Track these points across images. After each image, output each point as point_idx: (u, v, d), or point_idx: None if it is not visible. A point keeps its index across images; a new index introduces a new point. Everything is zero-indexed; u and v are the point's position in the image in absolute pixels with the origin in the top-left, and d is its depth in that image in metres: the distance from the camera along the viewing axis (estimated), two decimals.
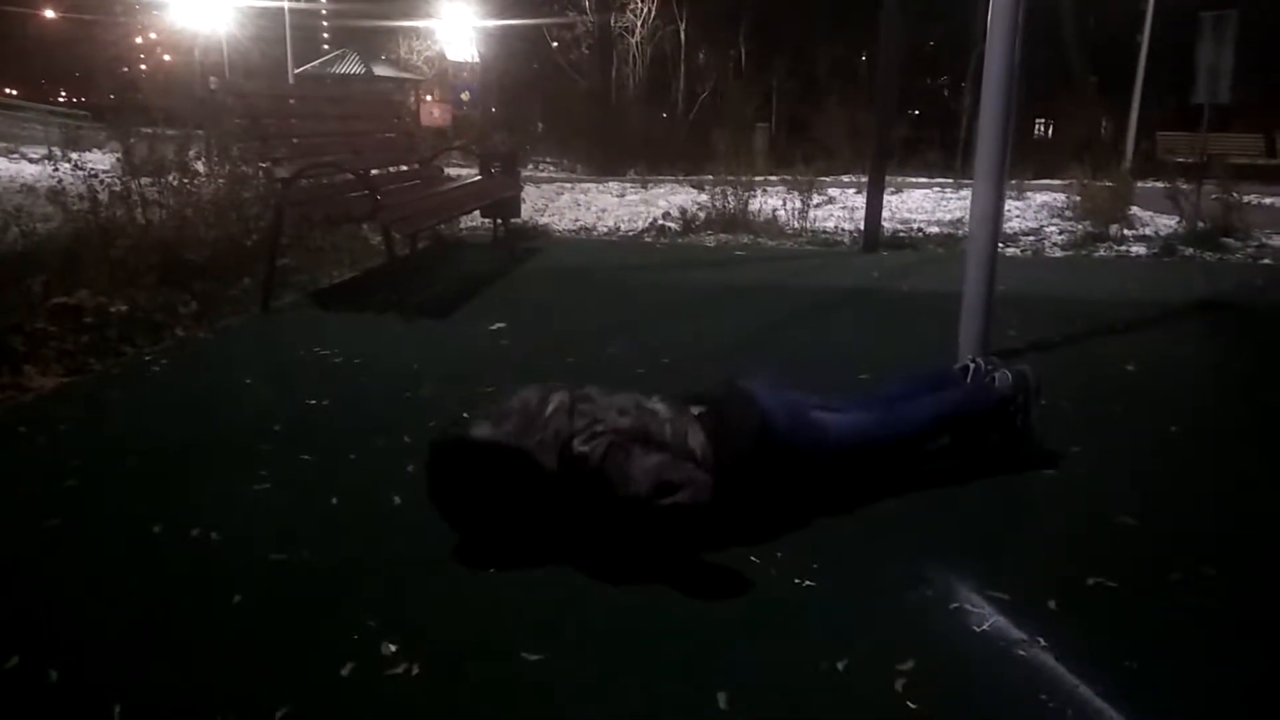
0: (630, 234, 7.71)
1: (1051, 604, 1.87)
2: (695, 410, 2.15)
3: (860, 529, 2.21)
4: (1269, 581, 1.99)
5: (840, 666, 1.67)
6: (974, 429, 2.58)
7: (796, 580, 1.96)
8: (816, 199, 8.29)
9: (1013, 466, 2.54)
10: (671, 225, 7.75)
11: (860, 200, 7.75)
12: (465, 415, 2.95)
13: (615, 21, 21.94)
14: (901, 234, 7.33)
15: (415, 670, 1.66)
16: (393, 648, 1.72)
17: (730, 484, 2.03)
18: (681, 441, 2.04)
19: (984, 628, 1.79)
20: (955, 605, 1.87)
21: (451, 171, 8.41)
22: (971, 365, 2.64)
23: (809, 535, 2.16)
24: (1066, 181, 9.33)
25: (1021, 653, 1.71)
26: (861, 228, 6.82)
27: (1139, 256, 6.44)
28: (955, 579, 1.97)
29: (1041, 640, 1.74)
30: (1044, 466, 2.55)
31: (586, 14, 21.72)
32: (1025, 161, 12.31)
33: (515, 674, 1.65)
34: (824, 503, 2.31)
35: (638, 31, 22.33)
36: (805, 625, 1.81)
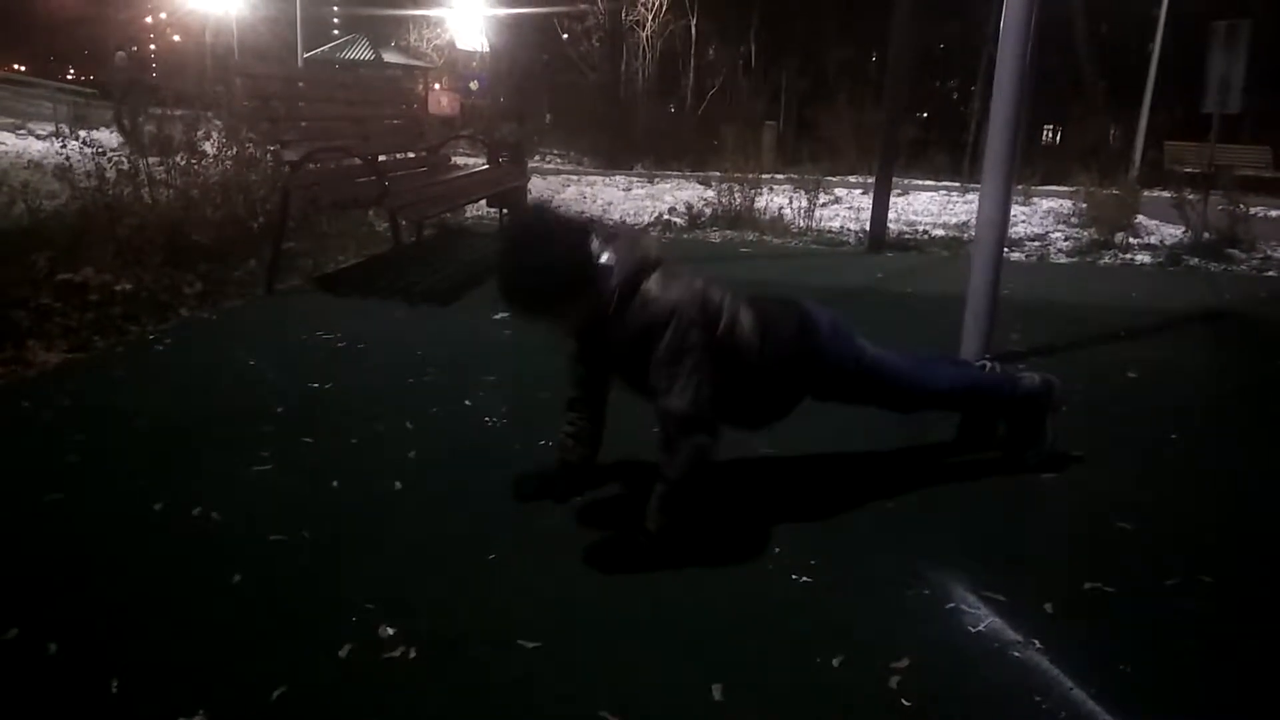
0: (636, 227, 7.70)
1: (1048, 607, 1.88)
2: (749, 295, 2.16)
3: (858, 527, 2.22)
4: (1265, 589, 2.00)
5: (835, 662, 1.68)
6: (987, 412, 2.61)
7: (794, 576, 1.97)
8: (823, 198, 8.29)
9: (1013, 470, 2.55)
10: (677, 220, 7.75)
11: (866, 201, 7.74)
12: (467, 403, 2.97)
13: (626, 15, 21.90)
14: (907, 236, 7.33)
15: (412, 654, 1.67)
16: (390, 631, 1.72)
17: (767, 376, 2.07)
18: (732, 321, 2.03)
19: (980, 628, 1.80)
20: (951, 605, 1.88)
21: (458, 160, 8.39)
22: (987, 365, 2.67)
23: (807, 532, 2.16)
24: (1073, 188, 9.31)
25: (1017, 654, 1.72)
26: (867, 228, 6.81)
27: (1144, 265, 6.44)
28: (952, 579, 1.98)
29: (1037, 642, 1.75)
30: (1043, 470, 2.56)
31: (598, 4, 21.67)
32: (1032, 167, 12.31)
33: (512, 661, 1.66)
34: (822, 500, 2.32)
35: (648, 25, 22.29)
36: (801, 621, 1.82)
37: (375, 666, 1.63)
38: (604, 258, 1.92)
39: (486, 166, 7.32)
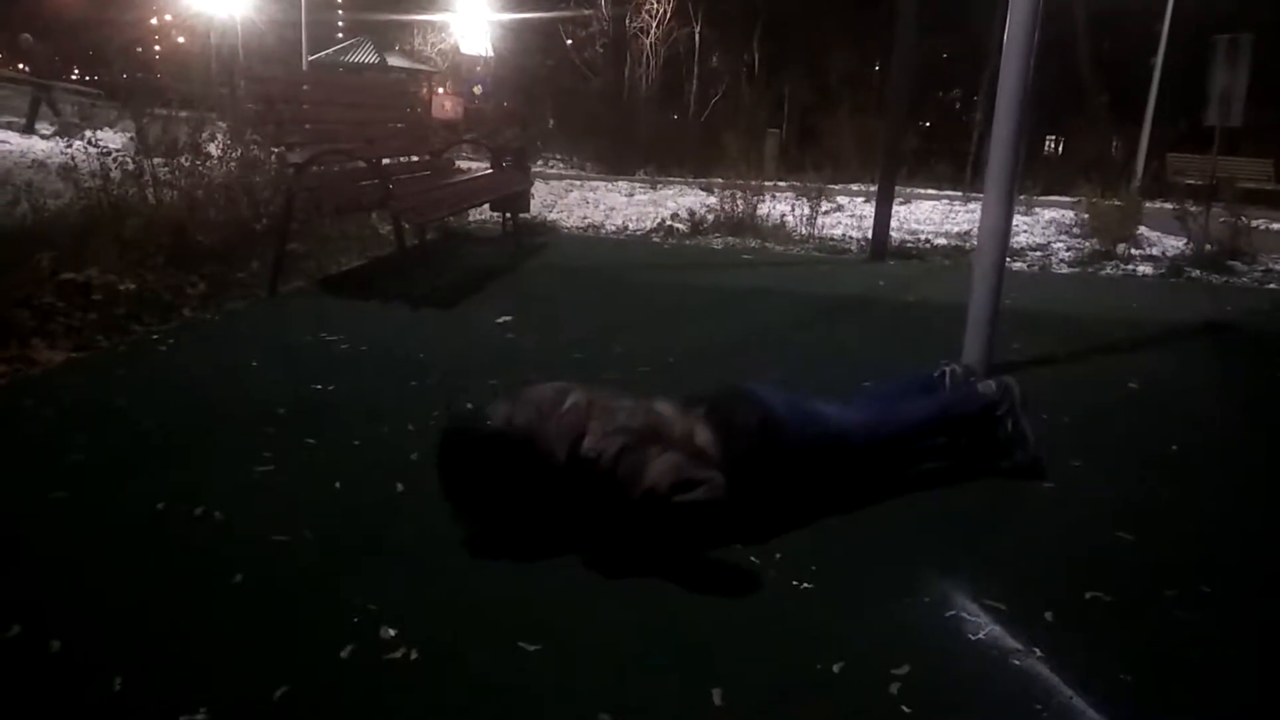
0: (638, 233, 7.72)
1: (1048, 615, 1.88)
2: (699, 410, 2.17)
3: (859, 534, 2.22)
4: (1265, 600, 2.00)
5: (836, 669, 1.68)
6: (957, 431, 2.61)
7: (794, 582, 1.97)
8: (825, 206, 8.30)
9: (1014, 478, 2.55)
10: (680, 226, 7.76)
11: (868, 209, 7.76)
12: (469, 406, 2.98)
13: (630, 21, 21.95)
14: (909, 244, 7.34)
15: (414, 655, 1.67)
16: (392, 632, 1.73)
17: (737, 481, 2.05)
18: (688, 440, 2.05)
19: (980, 636, 1.80)
20: (952, 613, 1.88)
21: (462, 164, 8.41)
22: (947, 370, 2.69)
23: (808, 538, 2.17)
24: (1075, 199, 9.32)
25: (1016, 662, 1.72)
26: (869, 236, 6.82)
27: (1145, 276, 6.44)
28: (953, 587, 1.98)
29: (1037, 650, 1.75)
30: (1044, 479, 2.57)
31: (602, 11, 21.72)
32: (1034, 177, 12.33)
33: (512, 664, 1.66)
34: (823, 508, 2.32)
35: (652, 32, 22.32)
36: (802, 626, 1.82)
37: (376, 667, 1.64)
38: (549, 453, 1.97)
39: (490, 171, 7.33)
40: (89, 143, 5.19)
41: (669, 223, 7.97)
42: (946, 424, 2.61)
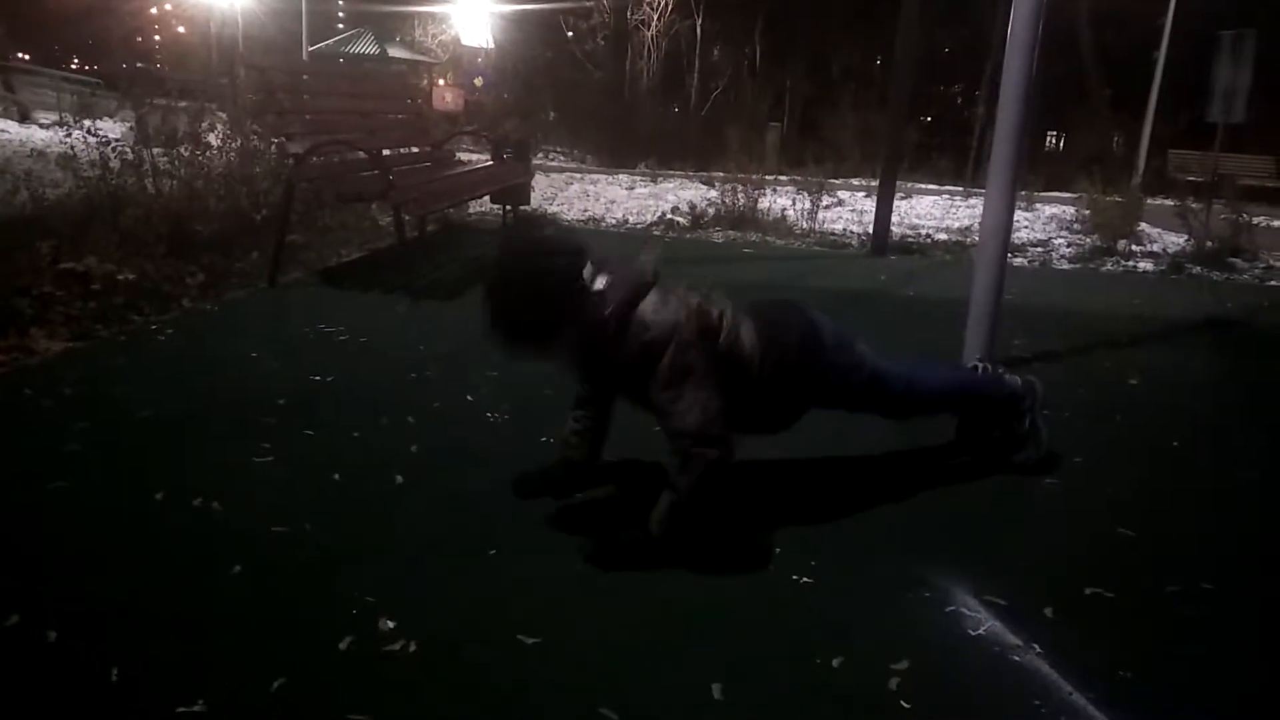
0: (639, 226, 7.71)
1: (1048, 611, 1.88)
2: (752, 307, 2.16)
3: (859, 529, 2.22)
4: (1266, 597, 2.00)
5: (835, 663, 1.68)
6: (983, 414, 2.62)
7: (795, 577, 1.97)
8: (826, 200, 8.28)
9: (1015, 474, 2.55)
10: (680, 220, 7.74)
11: (869, 203, 7.74)
12: (469, 398, 2.97)
13: (631, 14, 21.88)
14: (910, 239, 7.33)
15: (412, 648, 1.67)
16: (390, 625, 1.72)
17: (769, 389, 2.07)
18: (734, 335, 2.02)
19: (980, 631, 1.80)
20: (952, 608, 1.88)
21: (463, 156, 8.39)
22: (980, 367, 2.69)
23: (808, 533, 2.16)
24: (1076, 195, 9.31)
25: (1016, 658, 1.72)
26: (870, 231, 6.81)
27: (1146, 272, 6.43)
28: (953, 582, 1.98)
29: (1037, 646, 1.75)
30: (1045, 475, 2.56)
31: (603, 3, 21.65)
32: (1036, 173, 12.30)
33: (511, 657, 1.66)
34: (824, 502, 2.32)
35: (653, 25, 22.25)
36: (802, 621, 1.82)
37: (375, 660, 1.63)
38: (597, 283, 1.91)
39: (490, 163, 7.31)
40: (88, 132, 5.17)
41: (670, 216, 7.95)
42: (976, 400, 2.62)
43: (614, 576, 1.94)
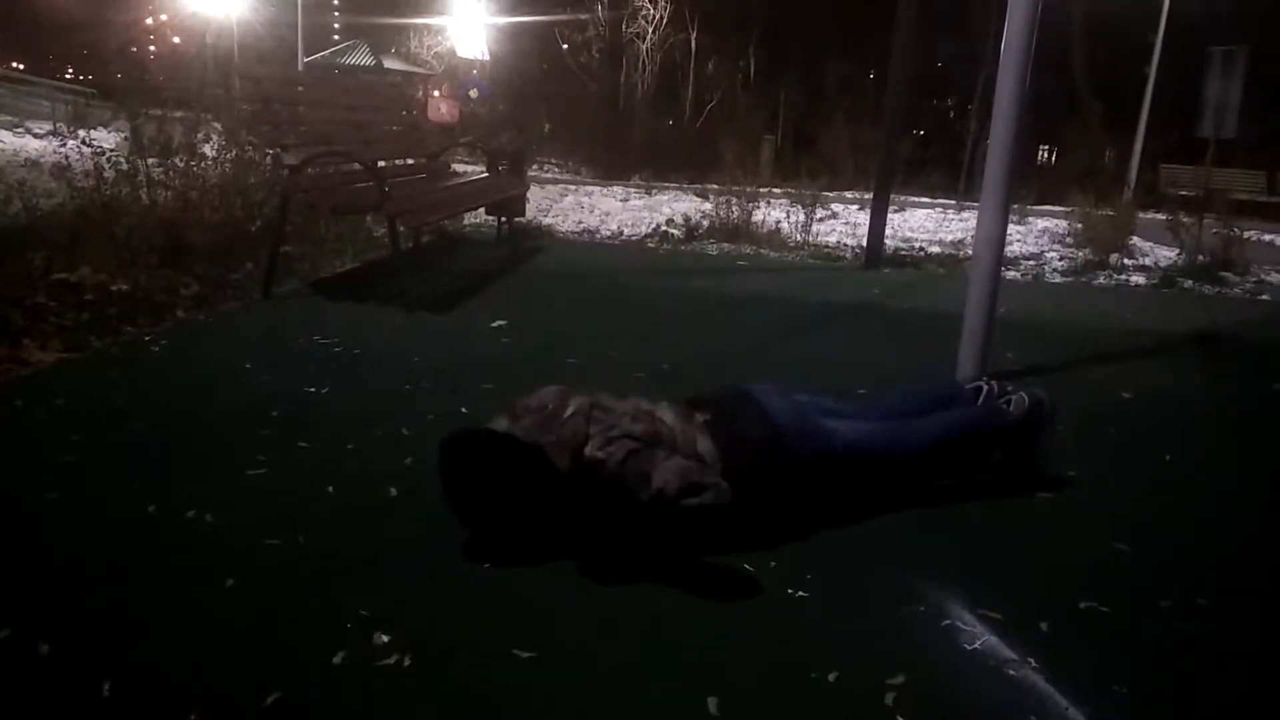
0: (633, 239, 7.72)
1: (1043, 626, 1.88)
2: (701, 417, 2.16)
3: (855, 543, 2.22)
4: (1260, 611, 2.00)
5: (831, 678, 1.67)
6: (982, 447, 2.60)
7: (790, 590, 1.97)
8: (820, 213, 8.31)
9: (1009, 488, 2.55)
10: (675, 232, 7.76)
11: (863, 217, 7.77)
12: (463, 410, 2.97)
13: (626, 27, 21.99)
14: (903, 252, 7.35)
15: (406, 662, 1.66)
16: (385, 638, 1.71)
17: (738, 491, 2.04)
18: (691, 449, 2.05)
19: (975, 646, 1.80)
20: (947, 622, 1.88)
21: (458, 167, 8.40)
22: (985, 387, 2.64)
23: (804, 546, 2.16)
24: (1069, 208, 9.36)
25: (1012, 672, 1.72)
26: (864, 244, 6.83)
27: (1138, 286, 6.46)
28: (948, 596, 1.97)
29: (1032, 661, 1.75)
30: (1040, 490, 2.57)
31: (598, 16, 21.76)
32: (1028, 187, 12.35)
33: (506, 671, 1.65)
34: (820, 515, 2.31)
35: (648, 38, 22.36)
36: (797, 635, 1.81)
37: (368, 674, 1.62)
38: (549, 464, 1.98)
39: (486, 174, 7.33)
40: (83, 142, 5.17)
41: (664, 228, 7.97)
42: (970, 441, 2.57)
43: (609, 590, 1.94)
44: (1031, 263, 7.27)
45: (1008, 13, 3.18)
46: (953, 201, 13.42)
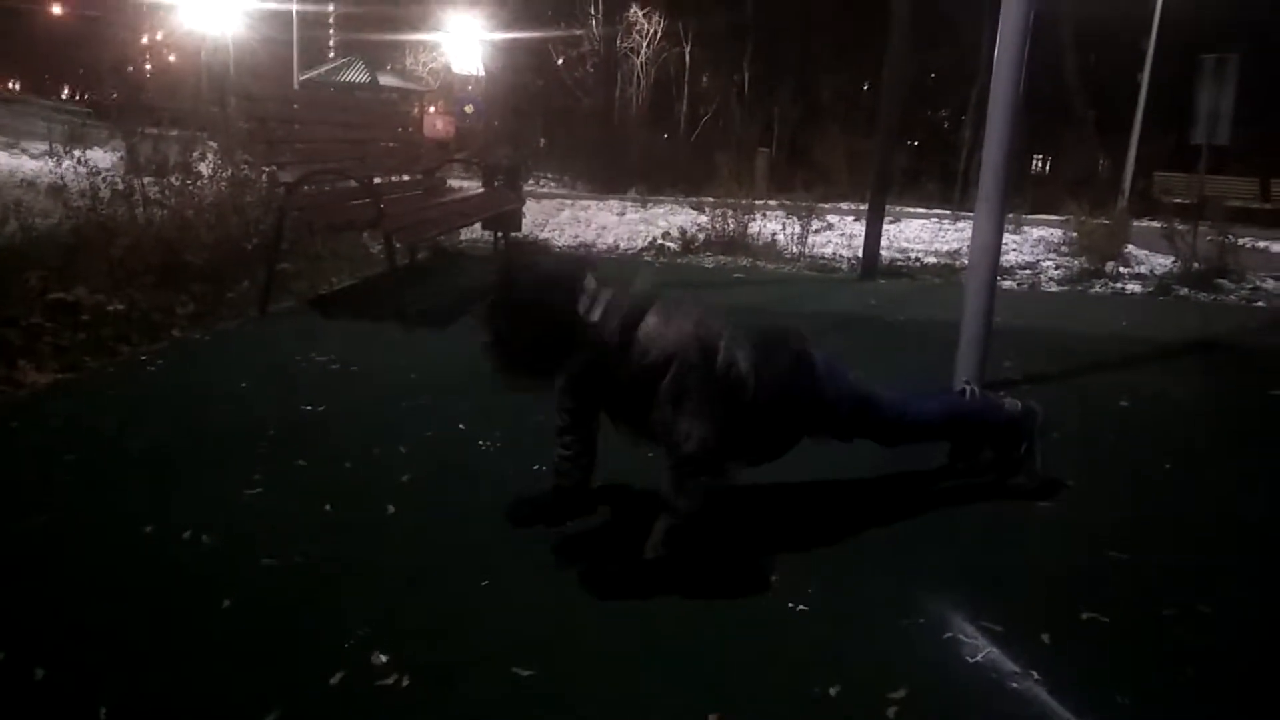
0: (629, 252, 7.74)
1: (1045, 637, 1.87)
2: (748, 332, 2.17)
3: (854, 555, 2.21)
4: (1262, 619, 1.99)
5: (832, 692, 1.66)
6: (977, 438, 2.61)
7: (790, 604, 1.96)
8: (815, 225, 8.33)
9: (1009, 499, 2.55)
10: (671, 245, 7.78)
11: (859, 228, 7.79)
12: (461, 426, 2.96)
13: (621, 41, 22.09)
14: (899, 263, 7.37)
15: (405, 682, 1.65)
16: (383, 658, 1.70)
17: (762, 414, 2.06)
18: (730, 359, 2.02)
19: (977, 658, 1.79)
20: (949, 635, 1.87)
21: (454, 183, 8.42)
22: (967, 389, 2.68)
23: (803, 559, 2.15)
24: (1064, 217, 9.39)
25: (1014, 685, 1.71)
26: (860, 255, 6.84)
27: (1134, 294, 6.48)
28: (949, 609, 1.97)
29: (1034, 673, 1.74)
30: (1039, 500, 2.56)
31: (592, 31, 21.87)
32: (1023, 196, 12.40)
33: (505, 689, 1.64)
34: (819, 528, 2.31)
35: (643, 52, 22.47)
36: (798, 649, 1.81)
37: (367, 694, 1.61)
38: (597, 308, 1.93)
39: (481, 190, 7.35)
40: (78, 162, 5.18)
41: (660, 241, 7.99)
42: (971, 427, 2.61)
43: (608, 605, 1.93)
44: (1027, 272, 7.28)
45: (1000, 22, 3.19)
46: (948, 211, 13.45)
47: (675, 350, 1.91)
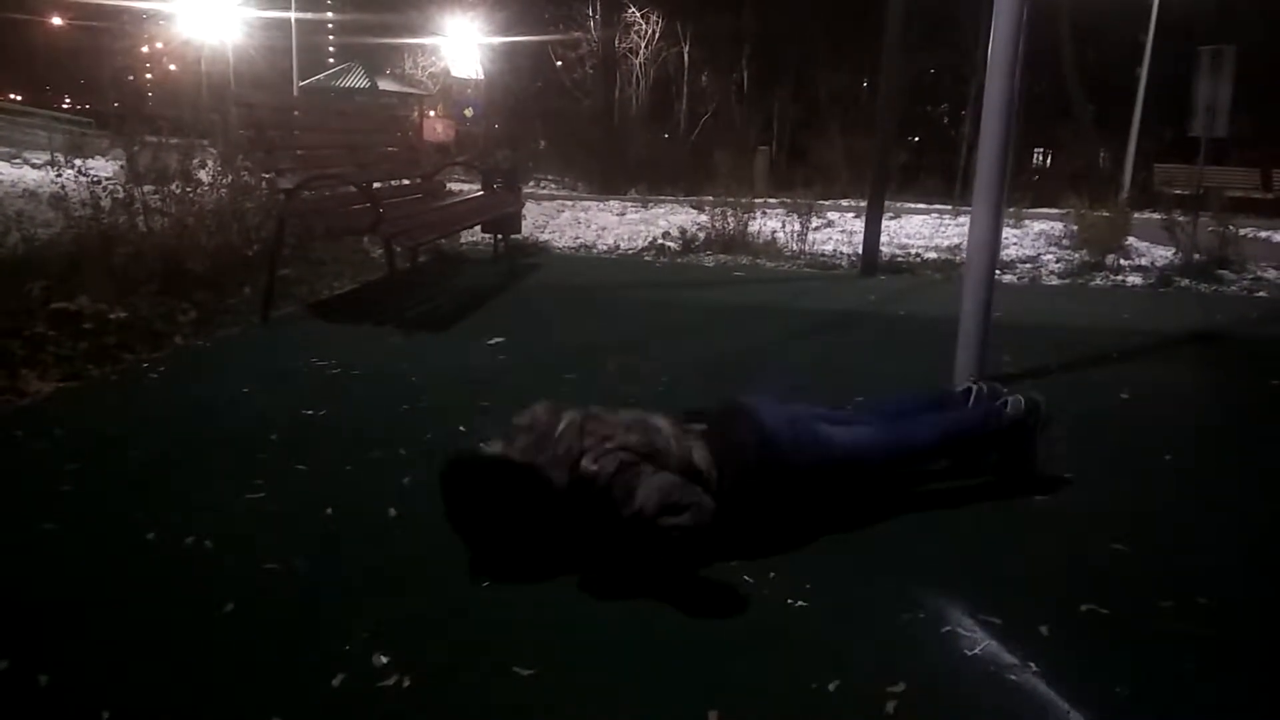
0: (630, 252, 7.74)
1: (1044, 629, 1.87)
2: (698, 427, 2.17)
3: (853, 551, 2.21)
4: (1261, 610, 1.99)
5: (832, 687, 1.67)
6: (977, 449, 2.60)
7: (789, 600, 1.96)
8: (815, 222, 8.33)
9: (1007, 492, 2.55)
10: (671, 245, 7.78)
11: (859, 225, 7.79)
12: (461, 429, 2.97)
13: (619, 42, 22.11)
14: (899, 259, 7.37)
15: (406, 683, 1.66)
16: (384, 659, 1.71)
17: (733, 501, 2.05)
18: (686, 460, 2.05)
19: (976, 651, 1.80)
20: (948, 629, 1.87)
21: (454, 187, 8.44)
22: (974, 389, 2.66)
23: (802, 556, 2.16)
24: (1064, 210, 9.38)
25: (1013, 677, 1.71)
26: (860, 252, 6.85)
27: (1135, 286, 6.47)
28: (948, 602, 1.97)
29: (1034, 665, 1.74)
30: (1038, 492, 2.56)
31: (591, 32, 21.90)
32: (1023, 190, 12.39)
33: (507, 689, 1.65)
34: (818, 524, 2.31)
35: (641, 52, 22.49)
36: (797, 645, 1.81)
37: (369, 696, 1.62)
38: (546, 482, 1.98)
39: (481, 193, 7.36)
40: (79, 171, 5.20)
41: (660, 241, 7.99)
42: (966, 443, 2.58)
43: (608, 605, 1.93)
44: (1028, 266, 7.27)
45: (994, 19, 3.20)
46: (948, 207, 13.44)
47: (615, 466, 1.95)
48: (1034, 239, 9.08)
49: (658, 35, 22.42)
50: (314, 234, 5.40)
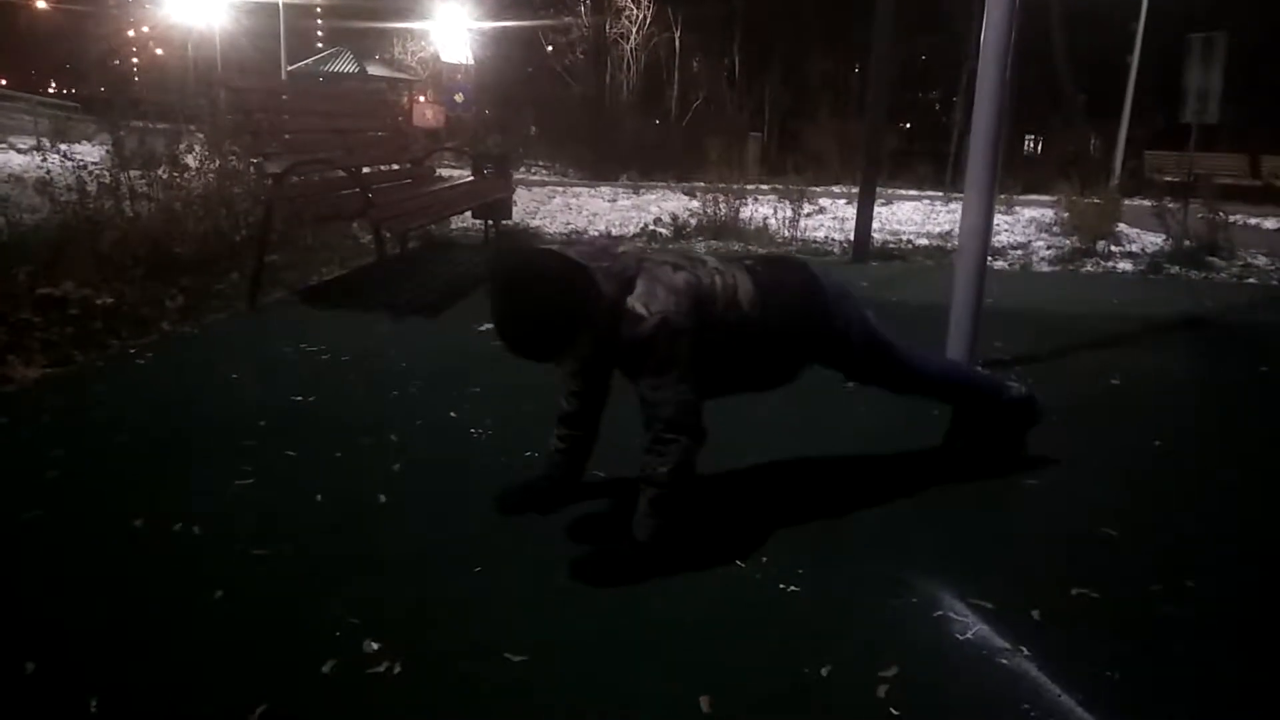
0: (622, 238, 7.72)
1: (1034, 613, 1.88)
2: (747, 261, 2.16)
3: (845, 535, 2.21)
4: (1248, 593, 2.01)
5: (824, 672, 1.67)
6: (982, 411, 2.61)
7: (781, 585, 1.96)
8: (807, 208, 8.32)
9: (998, 476, 2.56)
10: (663, 231, 7.76)
11: (850, 211, 7.78)
12: (452, 415, 2.96)
13: (610, 28, 22.00)
14: (891, 245, 7.37)
15: (397, 669, 1.65)
16: (375, 646, 1.71)
17: (775, 338, 2.08)
18: (731, 293, 2.02)
19: (967, 636, 1.80)
20: (939, 613, 1.88)
21: (444, 172, 8.39)
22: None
23: (793, 540, 2.16)
24: (1055, 197, 9.39)
25: (1004, 661, 1.72)
26: (851, 238, 6.84)
27: (1125, 273, 6.48)
28: (939, 587, 1.97)
29: (1024, 649, 1.75)
30: (1028, 477, 2.57)
31: (581, 17, 21.78)
32: (1014, 176, 12.40)
33: (498, 675, 1.65)
34: (809, 509, 2.31)
35: (632, 38, 22.37)
36: (789, 630, 1.81)
37: (359, 683, 1.62)
38: (600, 283, 1.91)
39: (471, 178, 7.32)
40: (65, 156, 5.15)
41: (652, 227, 7.97)
42: (978, 396, 2.62)
43: (599, 590, 1.93)
44: (1019, 252, 7.28)
45: (986, 6, 3.19)
46: (940, 193, 13.46)
47: (661, 318, 1.89)
48: (1025, 225, 9.10)
49: (649, 20, 22.30)
50: (302, 219, 5.34)
